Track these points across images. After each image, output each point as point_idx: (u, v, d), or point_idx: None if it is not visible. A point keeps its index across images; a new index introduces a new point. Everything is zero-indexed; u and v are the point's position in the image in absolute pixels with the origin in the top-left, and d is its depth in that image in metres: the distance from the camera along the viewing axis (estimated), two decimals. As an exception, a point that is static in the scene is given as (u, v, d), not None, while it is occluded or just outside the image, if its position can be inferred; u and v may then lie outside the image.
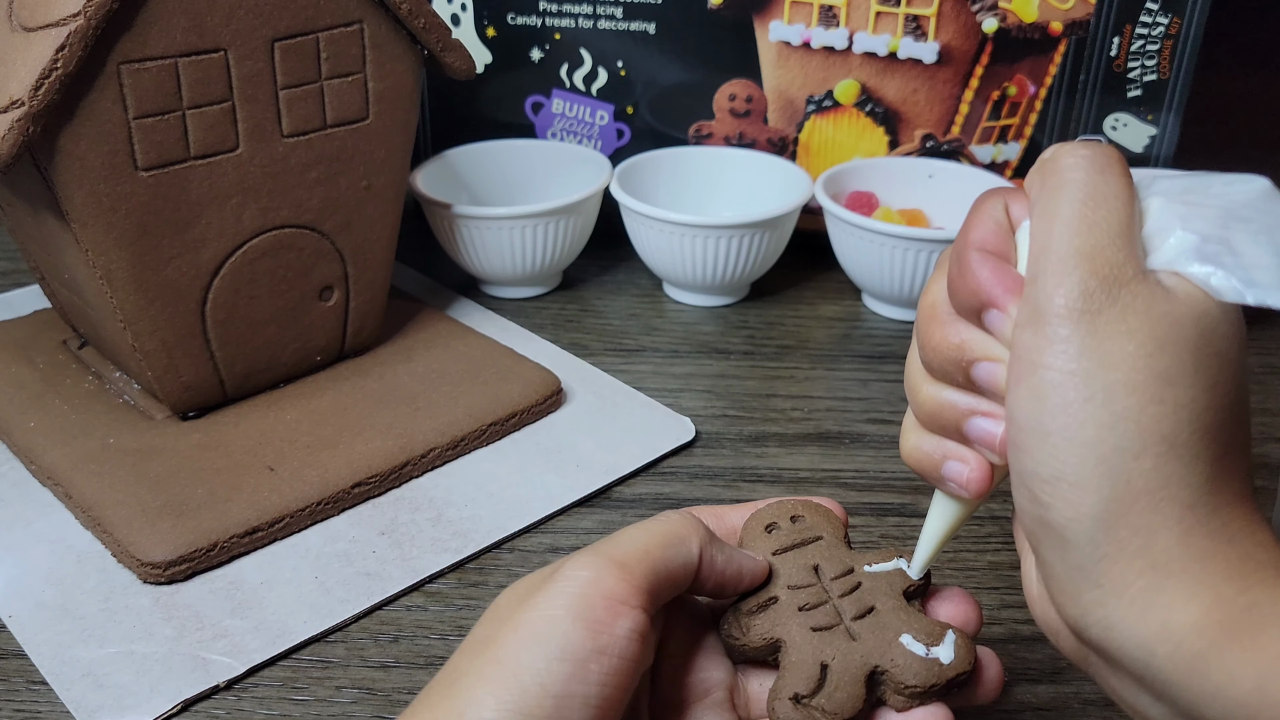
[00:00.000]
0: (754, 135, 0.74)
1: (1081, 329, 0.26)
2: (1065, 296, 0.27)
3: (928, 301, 0.32)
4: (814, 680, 0.33)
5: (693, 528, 0.34)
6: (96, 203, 0.47)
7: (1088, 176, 0.28)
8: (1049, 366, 0.27)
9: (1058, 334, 0.27)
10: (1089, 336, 0.26)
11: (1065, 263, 0.27)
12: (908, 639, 0.34)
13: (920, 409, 0.32)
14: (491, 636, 0.30)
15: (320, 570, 0.47)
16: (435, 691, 0.30)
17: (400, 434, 0.54)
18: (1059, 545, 0.27)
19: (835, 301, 0.71)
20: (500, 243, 0.67)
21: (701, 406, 0.60)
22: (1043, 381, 0.27)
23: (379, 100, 0.55)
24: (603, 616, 0.30)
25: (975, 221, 0.31)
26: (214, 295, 0.53)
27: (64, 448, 0.52)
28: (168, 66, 0.47)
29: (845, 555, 0.36)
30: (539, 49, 0.74)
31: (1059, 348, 0.27)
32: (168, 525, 0.47)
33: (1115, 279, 0.27)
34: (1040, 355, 0.27)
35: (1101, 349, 0.26)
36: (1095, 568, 0.26)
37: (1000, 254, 0.30)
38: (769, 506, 0.38)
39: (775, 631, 0.34)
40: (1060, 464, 0.26)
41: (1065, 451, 0.26)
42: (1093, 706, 0.41)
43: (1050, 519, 0.27)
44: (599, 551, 0.31)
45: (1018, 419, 0.28)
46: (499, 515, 0.51)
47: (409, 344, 0.62)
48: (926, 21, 0.67)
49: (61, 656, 0.43)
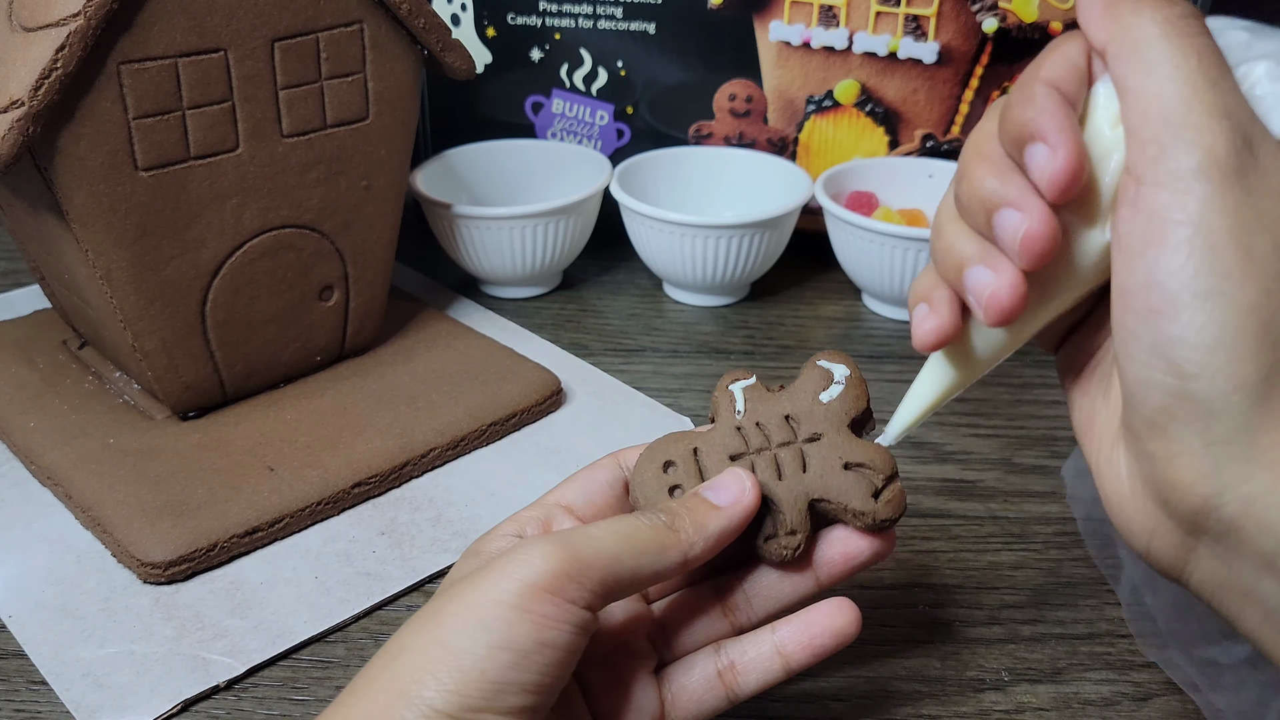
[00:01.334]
0: (754, 135, 0.74)
1: (1233, 187, 0.25)
2: (1208, 154, 0.25)
3: (978, 137, 0.30)
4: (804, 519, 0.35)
5: (680, 541, 0.32)
6: (96, 203, 0.47)
7: (1191, 34, 0.26)
8: (1206, 225, 0.25)
9: (1209, 194, 0.25)
10: (1244, 194, 0.25)
11: (1201, 119, 0.25)
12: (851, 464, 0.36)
13: (934, 246, 0.31)
14: (439, 612, 0.30)
15: (320, 570, 0.47)
16: (378, 664, 0.30)
17: (400, 434, 0.54)
18: (1204, 418, 0.25)
19: (835, 301, 0.71)
20: (500, 243, 0.67)
21: (701, 406, 0.60)
22: (1197, 245, 0.25)
23: (379, 100, 0.55)
24: (549, 610, 0.29)
25: (1051, 58, 0.28)
26: (214, 295, 0.53)
27: (64, 448, 0.52)
28: (168, 66, 0.47)
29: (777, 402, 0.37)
30: (539, 49, 0.74)
31: (1213, 208, 0.25)
32: (168, 525, 0.47)
33: (1252, 136, 0.25)
34: (1187, 214, 0.25)
35: (1258, 208, 0.25)
36: (1247, 440, 0.25)
37: (1070, 97, 0.28)
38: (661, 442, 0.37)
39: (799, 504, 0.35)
40: (1223, 328, 0.25)
41: (1229, 314, 0.25)
42: (1093, 707, 0.41)
43: (1198, 390, 0.25)
44: (565, 541, 0.31)
45: (1164, 282, 0.26)
46: (499, 515, 0.51)
47: (409, 344, 0.62)
48: (926, 21, 0.67)
49: (61, 656, 0.43)
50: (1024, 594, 0.46)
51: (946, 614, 0.46)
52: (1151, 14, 0.26)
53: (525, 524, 0.36)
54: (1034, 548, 0.49)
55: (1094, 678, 0.42)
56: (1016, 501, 0.52)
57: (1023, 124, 0.27)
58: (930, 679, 0.42)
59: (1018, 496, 0.53)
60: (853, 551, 0.36)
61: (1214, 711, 0.39)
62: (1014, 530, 0.50)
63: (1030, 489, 0.53)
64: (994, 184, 0.28)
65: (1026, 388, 0.62)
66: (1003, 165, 0.29)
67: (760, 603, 0.37)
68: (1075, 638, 0.44)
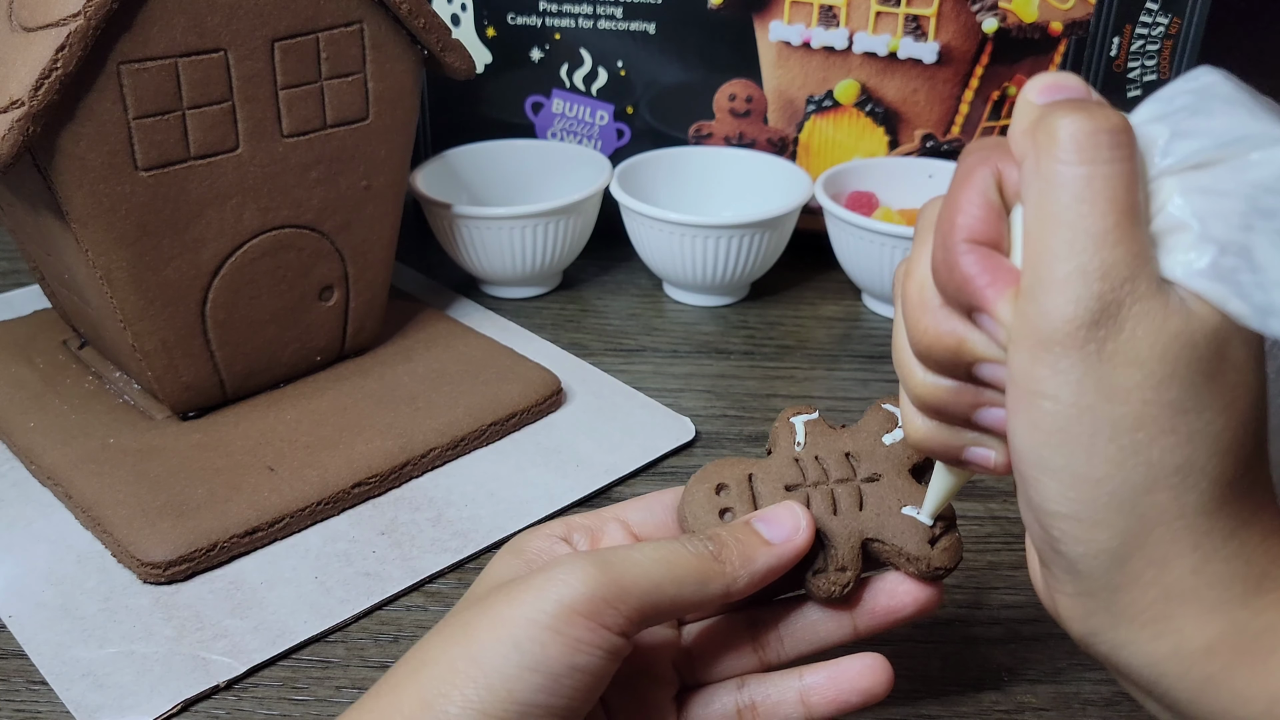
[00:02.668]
0: (754, 135, 0.74)
1: (1085, 358, 0.24)
2: (1067, 322, 0.24)
3: (914, 284, 0.28)
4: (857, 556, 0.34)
5: (725, 574, 0.31)
6: (96, 203, 0.47)
7: (1090, 169, 0.24)
8: (1051, 398, 0.24)
9: (1059, 364, 0.24)
10: (1094, 366, 0.24)
11: (1067, 281, 0.24)
12: (911, 510, 0.35)
13: (919, 398, 0.29)
14: (469, 625, 0.29)
15: (320, 570, 0.47)
16: (403, 671, 0.30)
17: (400, 434, 0.54)
18: (1070, 573, 0.26)
19: (835, 301, 0.71)
20: (500, 243, 0.67)
21: (701, 406, 0.60)
22: (1044, 414, 0.25)
23: (379, 100, 0.55)
24: (584, 635, 0.29)
25: (963, 200, 0.27)
26: (214, 295, 0.53)
27: (64, 448, 0.52)
28: (168, 66, 0.47)
29: (836, 440, 0.37)
30: (539, 49, 0.74)
31: (1061, 379, 0.24)
32: (168, 525, 0.47)
33: (1122, 298, 0.24)
34: (1040, 384, 0.25)
35: (1107, 380, 0.24)
36: (1108, 597, 0.25)
37: (992, 241, 0.26)
38: (716, 464, 0.36)
39: (853, 543, 0.35)
40: (1069, 501, 0.25)
41: (1073, 489, 0.25)
42: (1093, 706, 0.41)
43: (1061, 551, 0.26)
44: (605, 564, 0.30)
45: (1021, 451, 0.26)
46: (499, 515, 0.51)
47: (409, 344, 0.62)
48: (926, 21, 0.67)
49: (61, 656, 0.43)
50: (1024, 594, 0.46)
51: (946, 614, 0.46)
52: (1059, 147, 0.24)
53: (574, 529, 0.35)
54: (1034, 548, 0.49)
55: (1094, 678, 0.42)
56: (1016, 501, 0.52)
57: (958, 291, 0.26)
58: (930, 679, 0.42)
59: (1018, 496, 0.52)
60: (896, 605, 0.35)
61: None
62: (1014, 530, 0.50)
63: (1030, 489, 0.53)
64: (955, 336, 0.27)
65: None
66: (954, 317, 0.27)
67: (793, 643, 0.36)
68: (1075, 638, 0.44)
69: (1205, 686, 0.25)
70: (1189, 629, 0.25)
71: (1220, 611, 0.25)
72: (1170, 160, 0.25)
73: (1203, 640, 0.25)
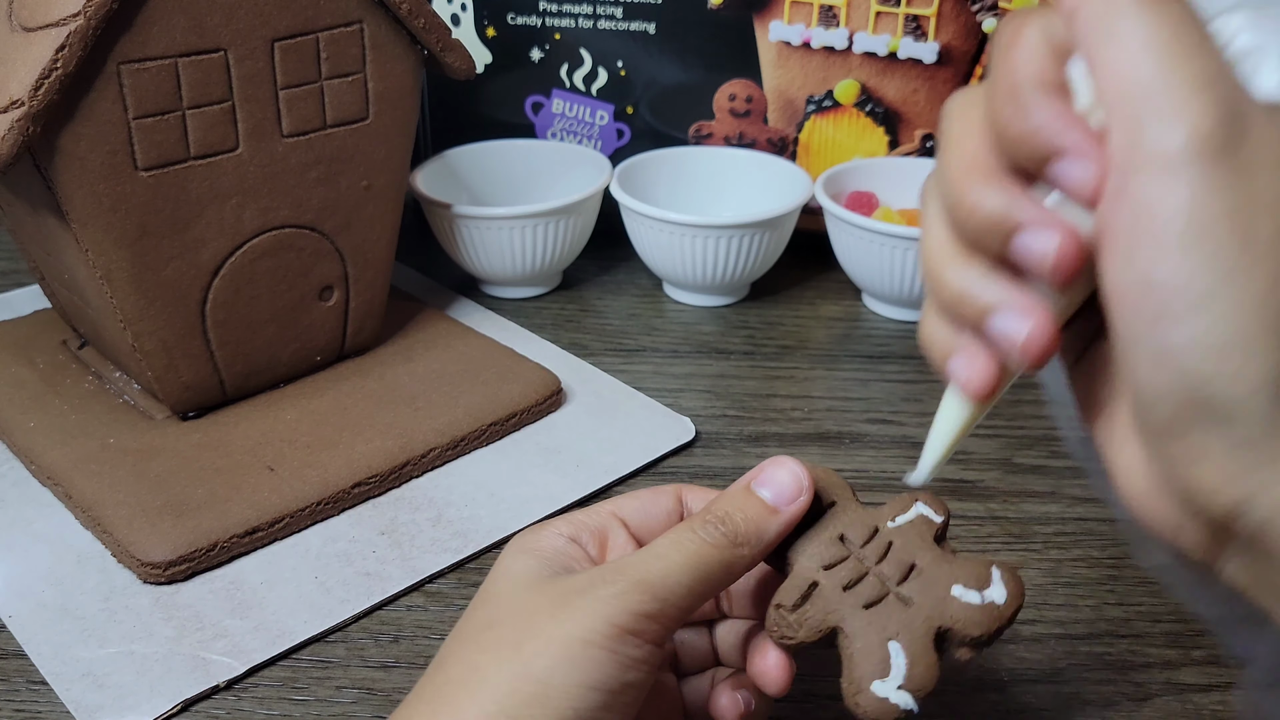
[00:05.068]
0: (754, 135, 0.74)
1: (1225, 165, 0.22)
2: (1194, 130, 0.22)
3: (965, 152, 0.26)
4: (886, 662, 0.31)
5: (745, 556, 0.32)
6: (96, 203, 0.47)
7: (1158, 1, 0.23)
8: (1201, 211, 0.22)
9: (1200, 175, 0.22)
10: (1236, 173, 0.22)
11: (1181, 94, 0.22)
12: (959, 589, 0.32)
13: (940, 294, 0.27)
14: (520, 645, 0.30)
15: (320, 570, 0.47)
16: (455, 685, 0.30)
17: (400, 434, 0.54)
18: (1223, 423, 0.23)
19: (835, 301, 0.71)
20: (500, 243, 0.67)
21: (701, 406, 0.60)
22: (1195, 231, 0.22)
23: (379, 100, 0.55)
24: (633, 652, 0.30)
25: (1018, 53, 0.25)
26: (214, 295, 0.53)
27: (64, 448, 0.52)
28: (168, 66, 0.47)
29: (865, 516, 0.34)
30: (539, 49, 0.74)
31: (1205, 189, 0.22)
32: (168, 525, 0.47)
33: (1239, 108, 0.22)
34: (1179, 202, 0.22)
35: (1254, 188, 0.22)
36: (1271, 442, 0.23)
37: (1061, 89, 0.25)
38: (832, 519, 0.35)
39: (829, 620, 0.32)
40: (1232, 327, 0.22)
41: (1237, 312, 0.22)
42: (1093, 706, 0.41)
43: (1213, 395, 0.23)
44: (642, 578, 0.30)
45: (1161, 283, 0.23)
46: (499, 515, 0.51)
47: (409, 344, 0.62)
48: (926, 21, 0.67)
49: (61, 656, 0.43)
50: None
51: (946, 614, 0.46)
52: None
53: (581, 529, 0.35)
54: (1034, 548, 0.49)
55: (1094, 678, 0.42)
56: (1016, 501, 0.52)
57: (1038, 142, 0.25)
58: (930, 679, 0.42)
59: (1017, 496, 0.53)
60: None
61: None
62: (1014, 530, 0.50)
63: (1030, 489, 0.53)
64: (1001, 204, 0.26)
65: (1026, 387, 0.61)
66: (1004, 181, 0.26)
67: None
68: (1075, 638, 0.44)
69: None
70: None
71: None
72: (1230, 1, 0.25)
73: None
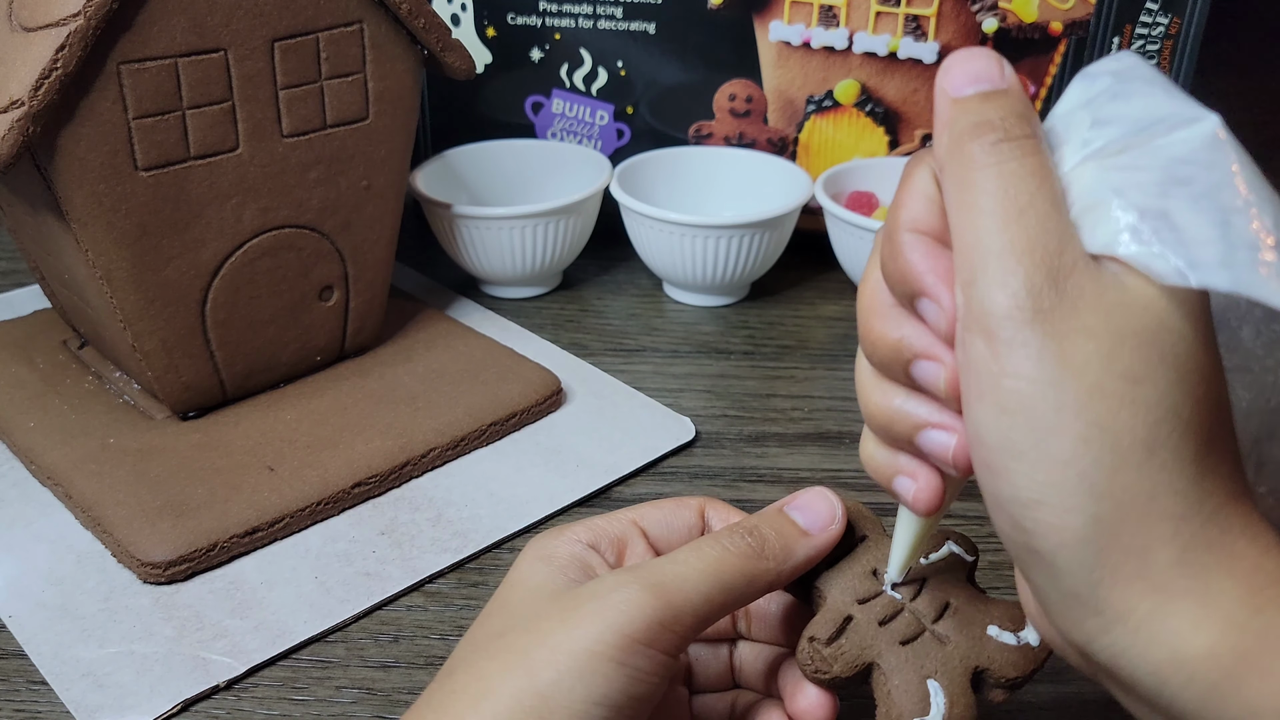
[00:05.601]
0: (754, 135, 0.74)
1: (1037, 331, 0.24)
2: (1012, 297, 0.24)
3: (867, 290, 0.29)
4: (925, 700, 0.31)
5: (769, 571, 0.31)
6: (96, 203, 0.47)
7: (1001, 160, 0.25)
8: (1012, 375, 0.24)
9: (1013, 339, 0.24)
10: (1047, 338, 0.23)
11: (1002, 260, 0.24)
12: (994, 630, 0.32)
13: (871, 418, 0.29)
14: (527, 654, 0.29)
15: (320, 570, 0.47)
16: (461, 694, 0.29)
17: (400, 434, 0.54)
18: (1049, 573, 0.25)
19: (835, 301, 0.71)
20: (500, 243, 0.67)
21: (701, 406, 0.60)
22: (1007, 394, 0.24)
23: (379, 100, 0.55)
24: (644, 664, 0.29)
25: (905, 196, 0.27)
26: (214, 295, 0.53)
27: (64, 448, 0.52)
28: (168, 66, 0.47)
29: None
30: (539, 49, 0.74)
31: (1018, 354, 0.24)
32: (168, 525, 0.47)
33: (1058, 270, 0.24)
34: (998, 365, 0.24)
35: (1062, 351, 0.23)
36: (1092, 594, 0.24)
37: (935, 233, 0.27)
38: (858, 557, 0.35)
39: (865, 656, 0.32)
40: (1039, 486, 0.24)
41: (1043, 471, 0.24)
42: (1092, 706, 0.41)
43: (1036, 546, 0.25)
44: (658, 586, 0.29)
45: (985, 439, 0.25)
46: (499, 515, 0.51)
47: (409, 344, 0.62)
48: (926, 21, 0.67)
49: (61, 656, 0.43)
50: None
51: (946, 614, 0.46)
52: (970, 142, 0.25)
53: (600, 536, 0.34)
54: (1034, 548, 0.49)
55: (1094, 678, 0.42)
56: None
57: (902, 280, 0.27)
58: (930, 679, 0.42)
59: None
60: None
61: None
62: (1014, 530, 0.50)
63: (1030, 489, 0.53)
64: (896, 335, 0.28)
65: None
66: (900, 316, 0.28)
67: None
68: (1075, 638, 0.44)
69: (1211, 696, 0.23)
70: (1185, 630, 0.23)
71: (1214, 609, 0.23)
72: (1090, 149, 0.25)
73: (1202, 644, 0.23)
